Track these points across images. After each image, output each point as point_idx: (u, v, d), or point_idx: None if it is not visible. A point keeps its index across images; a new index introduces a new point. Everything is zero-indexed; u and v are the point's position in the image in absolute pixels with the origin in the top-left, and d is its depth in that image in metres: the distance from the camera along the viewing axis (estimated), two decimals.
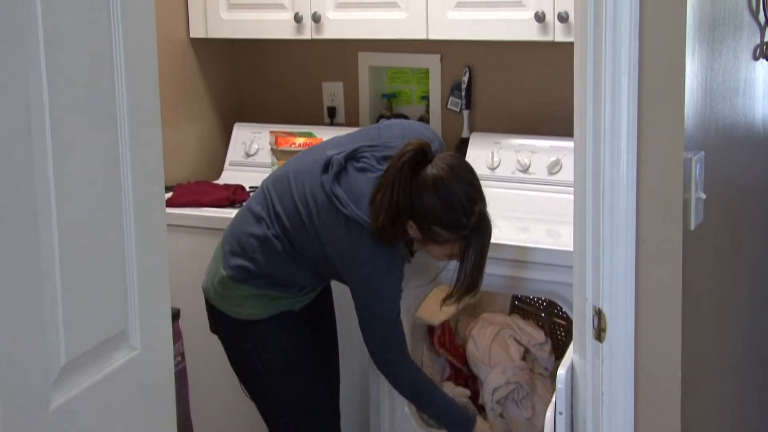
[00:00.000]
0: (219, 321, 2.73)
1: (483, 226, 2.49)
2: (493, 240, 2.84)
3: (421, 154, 2.46)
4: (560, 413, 1.97)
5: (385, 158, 2.53)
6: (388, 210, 2.44)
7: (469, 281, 2.52)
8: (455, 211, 2.44)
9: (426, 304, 3.04)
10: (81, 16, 1.44)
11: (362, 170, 2.54)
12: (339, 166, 2.53)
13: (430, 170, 2.44)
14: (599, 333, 1.82)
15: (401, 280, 2.57)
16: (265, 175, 2.82)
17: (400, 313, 2.58)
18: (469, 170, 2.51)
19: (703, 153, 1.82)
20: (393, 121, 2.75)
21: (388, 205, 2.44)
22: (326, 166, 2.54)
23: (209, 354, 2.96)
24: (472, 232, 2.46)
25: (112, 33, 1.51)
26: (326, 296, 2.89)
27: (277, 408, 2.72)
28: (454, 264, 2.63)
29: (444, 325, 3.22)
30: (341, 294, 2.97)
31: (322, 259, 2.59)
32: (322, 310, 2.88)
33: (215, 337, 2.78)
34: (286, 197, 2.60)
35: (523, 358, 3.17)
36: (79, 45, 1.44)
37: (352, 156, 2.56)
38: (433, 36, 3.26)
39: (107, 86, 1.52)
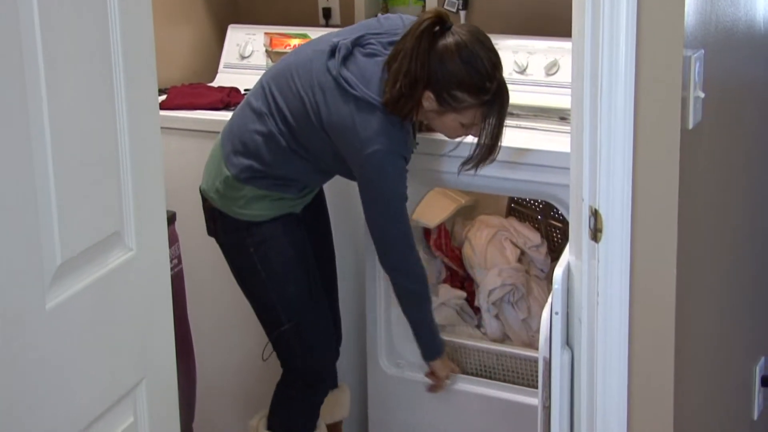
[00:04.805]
0: (220, 223, 2.72)
1: (503, 91, 2.51)
2: None
3: (440, 22, 2.46)
4: (556, 313, 1.98)
5: (390, 44, 2.53)
6: (405, 77, 2.44)
7: (489, 146, 2.55)
8: (480, 75, 2.45)
9: (422, 206, 3.04)
10: None
11: (370, 55, 2.53)
12: (346, 50, 2.52)
13: (451, 37, 2.45)
14: (595, 233, 1.82)
15: (407, 162, 2.56)
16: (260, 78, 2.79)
17: (407, 200, 2.58)
18: (488, 37, 2.51)
19: (702, 51, 1.80)
20: (391, 14, 2.73)
21: (406, 71, 2.44)
22: (332, 52, 2.53)
23: (206, 258, 2.97)
24: (493, 97, 2.48)
25: None
26: (321, 202, 2.89)
27: (277, 311, 2.73)
28: (448, 166, 2.62)
29: (440, 227, 3.22)
30: (334, 199, 2.97)
31: (328, 151, 2.58)
32: (318, 215, 2.88)
33: (212, 242, 2.79)
34: (288, 91, 2.58)
35: (519, 260, 3.18)
36: None
37: (358, 42, 2.55)
38: None
39: None
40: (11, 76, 1.31)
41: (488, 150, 2.55)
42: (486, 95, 2.47)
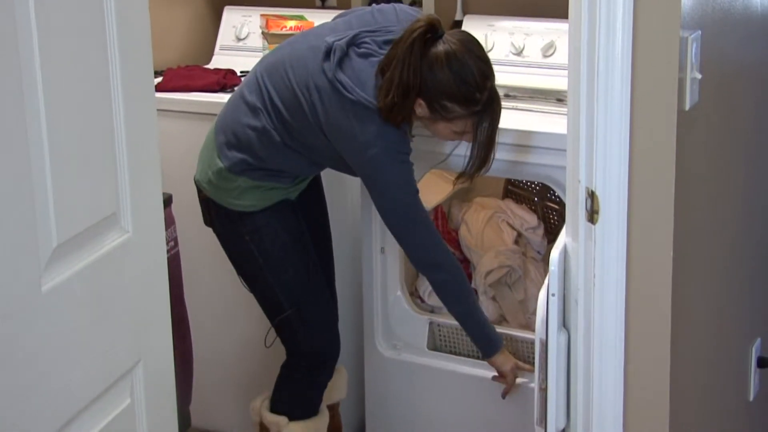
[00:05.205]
0: (214, 213, 2.72)
1: (494, 101, 2.49)
2: None
3: (432, 30, 2.44)
4: (553, 295, 1.99)
5: (386, 42, 2.51)
6: (398, 87, 2.42)
7: (482, 157, 2.54)
8: (468, 86, 2.43)
9: (419, 188, 3.04)
10: None
11: (364, 55, 2.51)
12: (341, 52, 2.49)
13: (442, 46, 2.43)
14: (592, 215, 1.82)
15: (409, 155, 2.55)
16: (256, 60, 2.78)
17: (418, 193, 2.57)
18: (480, 46, 2.49)
19: (699, 32, 1.80)
20: (385, 5, 2.71)
21: (398, 81, 2.42)
22: (327, 53, 2.51)
23: (203, 240, 2.97)
24: (483, 108, 2.46)
25: None
26: (317, 184, 2.89)
27: (278, 297, 2.73)
28: (445, 148, 2.61)
29: (437, 209, 3.23)
30: (330, 182, 2.97)
31: (323, 147, 2.57)
32: (314, 198, 2.88)
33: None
34: (283, 87, 2.56)
35: (516, 242, 3.19)
36: None
37: (353, 42, 2.53)
38: None
39: None
40: (5, 60, 1.31)
41: (482, 159, 2.54)
42: (476, 106, 2.45)
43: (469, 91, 2.43)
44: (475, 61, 2.44)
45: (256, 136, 2.58)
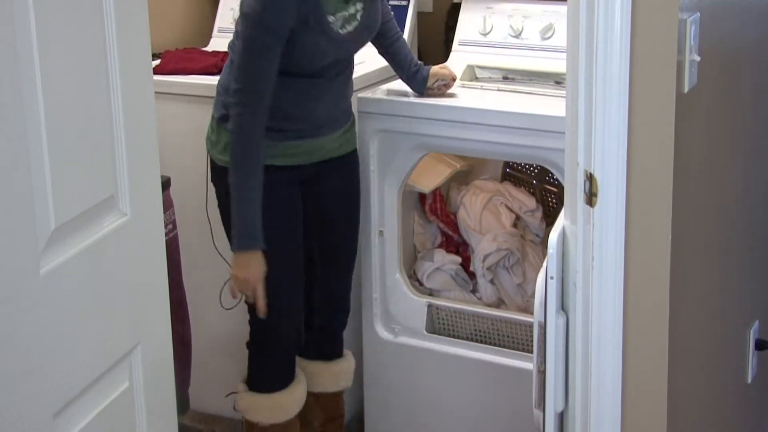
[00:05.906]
0: (212, 169, 2.76)
1: None
2: (485, 106, 2.83)
3: None
4: (551, 278, 1.98)
5: None
6: None
7: None
8: None
9: (417, 172, 3.04)
10: None
11: None
12: None
13: None
14: (590, 198, 1.81)
15: (285, 17, 2.53)
16: None
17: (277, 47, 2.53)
18: None
19: (698, 14, 1.79)
20: None
21: None
22: None
23: (202, 224, 2.97)
24: None
25: None
26: (349, 183, 2.88)
27: None
28: (443, 131, 2.59)
29: (435, 192, 3.22)
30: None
31: None
32: (339, 188, 2.85)
33: (209, 207, 2.80)
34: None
35: (515, 225, 3.19)
36: None
37: None
38: None
39: None
40: (3, 43, 1.30)
41: None
42: None
43: None
44: None
45: (229, 71, 2.65)
